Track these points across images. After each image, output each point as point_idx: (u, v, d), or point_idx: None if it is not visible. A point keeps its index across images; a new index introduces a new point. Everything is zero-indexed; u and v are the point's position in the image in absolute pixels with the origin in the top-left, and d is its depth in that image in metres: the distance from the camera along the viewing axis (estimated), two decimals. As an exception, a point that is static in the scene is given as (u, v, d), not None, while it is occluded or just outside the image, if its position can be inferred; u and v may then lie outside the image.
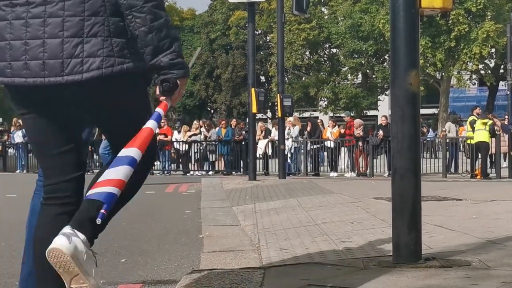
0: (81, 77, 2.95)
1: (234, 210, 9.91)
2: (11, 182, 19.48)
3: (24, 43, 2.97)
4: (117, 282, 5.24)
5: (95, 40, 2.96)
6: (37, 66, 2.97)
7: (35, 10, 2.97)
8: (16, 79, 3.03)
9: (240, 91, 67.96)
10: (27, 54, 2.97)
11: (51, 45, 2.95)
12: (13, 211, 10.81)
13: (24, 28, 2.97)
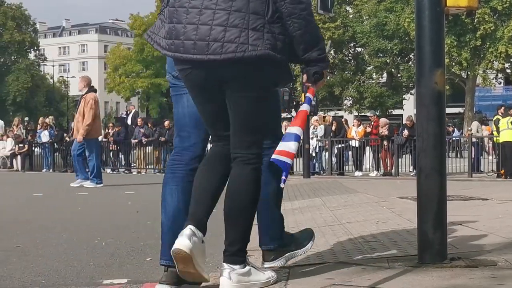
0: (219, 57, 3.68)
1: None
2: (37, 181, 19.64)
3: (183, 27, 3.77)
4: (143, 280, 5.27)
5: (234, 30, 3.67)
6: (189, 45, 3.74)
7: (194, 2, 3.78)
8: (176, 54, 3.83)
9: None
10: (184, 35, 3.75)
11: (202, 30, 3.72)
12: (39, 210, 10.91)
13: (184, 15, 3.78)
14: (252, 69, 3.74)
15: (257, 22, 3.70)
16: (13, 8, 76.07)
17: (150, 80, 76.54)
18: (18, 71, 73.43)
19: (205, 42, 3.70)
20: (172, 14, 3.84)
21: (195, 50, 3.72)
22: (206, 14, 3.72)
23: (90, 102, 15.75)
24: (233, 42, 3.66)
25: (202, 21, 3.72)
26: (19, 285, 5.19)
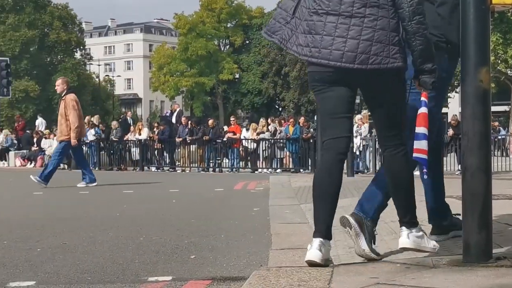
0: (366, 67, 4.48)
1: (302, 208, 9.91)
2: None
3: (332, 39, 4.53)
4: (187, 278, 5.31)
5: (379, 45, 4.49)
6: (338, 55, 4.51)
7: (344, 20, 4.54)
8: (322, 61, 4.58)
9: (308, 88, 67.89)
10: (332, 46, 4.52)
11: (351, 43, 4.49)
12: (85, 208, 11.03)
13: (333, 29, 4.54)
14: (391, 78, 4.59)
15: (395, 39, 4.52)
16: (59, 8, 76.88)
17: (194, 79, 76.84)
18: (64, 70, 74.15)
19: (353, 53, 4.48)
20: (312, 27, 4.62)
21: (343, 59, 4.50)
22: (355, 30, 4.49)
23: (72, 103, 15.65)
24: (378, 55, 4.47)
25: (351, 35, 4.50)
26: (66, 281, 5.26)
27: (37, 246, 6.91)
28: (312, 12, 4.66)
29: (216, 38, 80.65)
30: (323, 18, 4.60)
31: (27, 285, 5.15)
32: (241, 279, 5.13)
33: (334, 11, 4.58)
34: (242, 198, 12.39)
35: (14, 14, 73.54)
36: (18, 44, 71.63)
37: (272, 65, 73.42)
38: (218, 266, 5.78)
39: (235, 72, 78.32)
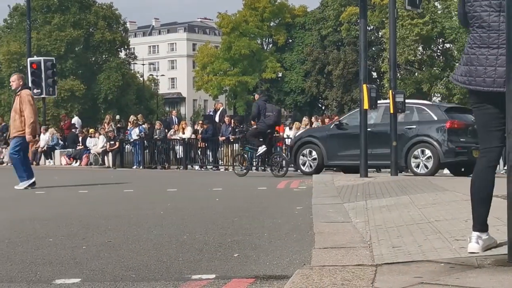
0: (503, 89, 5.03)
1: (346, 207, 9.88)
2: (128, 178, 20.01)
3: (484, 68, 5.30)
4: (230, 276, 5.32)
5: (501, 69, 5.18)
6: (490, 81, 5.26)
7: (492, 51, 5.29)
8: (477, 87, 5.33)
9: (352, 87, 67.63)
10: (485, 75, 5.28)
11: (499, 70, 5.21)
12: (130, 206, 11.12)
13: (484, 60, 5.31)
14: None
15: None
16: (104, 8, 77.55)
17: (237, 78, 77.02)
18: (109, 69, 74.83)
19: (502, 79, 5.13)
20: (473, 60, 5.38)
21: (494, 84, 5.23)
22: (501, 60, 5.16)
23: (27, 98, 15.47)
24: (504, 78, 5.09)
25: (499, 64, 5.20)
26: (110, 279, 5.31)
27: (83, 243, 6.98)
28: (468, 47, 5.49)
29: (259, 37, 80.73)
30: (477, 52, 5.38)
31: (72, 282, 5.22)
32: (284, 277, 5.14)
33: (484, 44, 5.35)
34: (285, 197, 12.39)
35: (59, 14, 74.38)
36: (63, 44, 72.43)
37: (315, 63, 73.24)
38: (261, 264, 5.79)
39: (278, 71, 78.32)
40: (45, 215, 9.75)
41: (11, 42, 72.76)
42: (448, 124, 18.14)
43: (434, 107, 19.36)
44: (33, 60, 31.49)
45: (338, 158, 20.00)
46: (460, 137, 18.24)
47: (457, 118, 18.53)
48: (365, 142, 16.39)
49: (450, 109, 19.37)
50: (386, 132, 17.69)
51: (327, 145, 20.01)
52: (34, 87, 30.49)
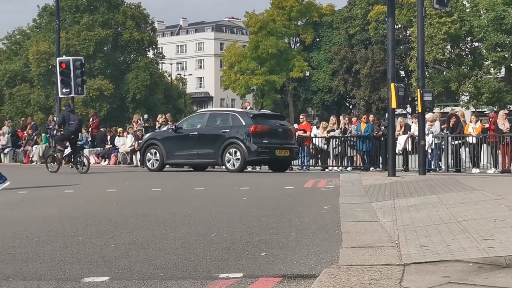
0: None
1: (373, 206, 9.86)
2: (156, 177, 20.08)
3: None
4: (258, 275, 5.33)
5: None
6: None
7: None
8: None
9: (379, 86, 67.37)
10: None
11: None
12: (158, 205, 11.16)
13: None
14: None
15: None
16: (132, 8, 77.88)
17: (264, 77, 77.01)
18: (137, 69, 75.12)
19: None
20: None
21: None
22: None
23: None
24: None
25: None
26: (139, 277, 5.35)
27: (111, 242, 7.03)
28: None
29: (287, 36, 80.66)
30: None
31: (101, 280, 5.25)
32: (311, 276, 5.14)
33: None
34: (312, 196, 12.38)
35: (88, 14, 74.83)
36: (92, 44, 72.87)
37: (343, 62, 73.05)
38: (289, 263, 5.79)
39: (306, 70, 78.23)
40: (74, 213, 9.82)
41: (40, 42, 73.34)
42: (252, 128, 21.22)
43: (244, 113, 22.40)
44: (62, 60, 31.68)
45: (175, 157, 22.91)
46: (263, 139, 21.39)
47: (262, 123, 21.65)
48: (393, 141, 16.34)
49: (257, 115, 22.42)
50: (211, 135, 21.90)
51: (166, 146, 22.97)
52: (63, 86, 30.70)
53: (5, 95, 74.58)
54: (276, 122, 22.27)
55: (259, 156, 21.42)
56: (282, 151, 21.80)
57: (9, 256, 6.32)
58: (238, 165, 21.36)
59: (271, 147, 21.41)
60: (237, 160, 21.36)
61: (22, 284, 5.16)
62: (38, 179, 18.85)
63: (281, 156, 22.02)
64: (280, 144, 21.69)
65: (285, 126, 22.78)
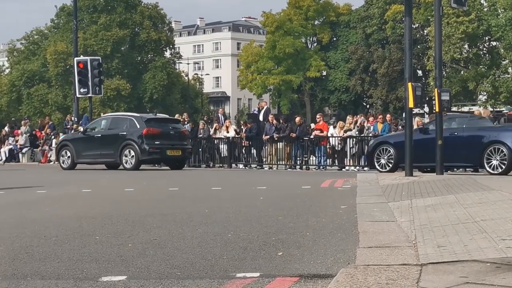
0: None
1: (390, 206, 9.84)
2: (173, 176, 20.14)
3: None
4: (274, 274, 5.34)
5: None
6: None
7: None
8: None
9: (397, 85, 67.15)
10: None
11: None
12: (175, 204, 11.18)
13: None
14: None
15: None
16: (149, 8, 78.02)
17: (281, 77, 76.94)
18: (154, 69, 75.27)
19: None
20: None
21: None
22: None
23: None
24: None
25: None
26: (156, 276, 5.36)
27: (129, 241, 7.06)
28: None
29: (304, 35, 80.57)
30: None
31: (118, 279, 5.27)
32: (328, 276, 5.14)
33: None
34: (329, 196, 12.37)
35: (105, 14, 75.07)
36: (109, 44, 73.10)
37: (360, 62, 72.89)
38: (305, 263, 5.80)
39: (322, 70, 78.11)
40: (92, 213, 9.87)
41: (58, 42, 73.64)
42: (144, 131, 23.56)
43: (139, 118, 24.69)
44: (80, 60, 31.82)
45: (83, 157, 25.17)
46: (154, 141, 23.60)
47: (154, 126, 23.97)
48: (410, 141, 16.30)
49: (151, 119, 24.63)
50: (111, 136, 24.12)
51: (75, 147, 25.26)
52: (81, 86, 30.83)
53: (23, 95, 74.94)
54: (169, 126, 24.82)
55: (151, 155, 23.82)
56: (173, 151, 24.19)
57: (27, 255, 6.36)
58: (133, 164, 23.53)
59: (162, 148, 23.79)
60: (132, 159, 23.63)
61: (40, 283, 5.19)
62: (56, 179, 18.95)
63: (173, 156, 24.35)
64: (172, 145, 24.02)
65: (178, 129, 25.12)
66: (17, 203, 11.82)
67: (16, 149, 35.64)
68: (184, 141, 25.00)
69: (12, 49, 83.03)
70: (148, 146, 23.49)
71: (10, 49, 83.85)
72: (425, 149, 18.21)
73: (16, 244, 6.97)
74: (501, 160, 18.09)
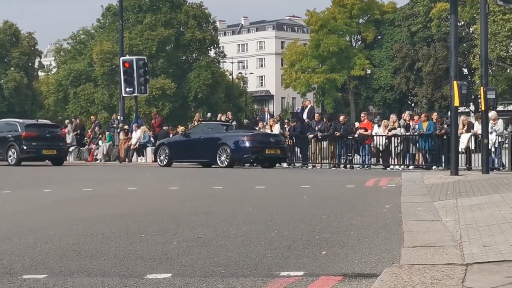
0: None
1: (435, 205, 9.77)
2: (217, 175, 20.21)
3: None
4: (318, 273, 5.34)
5: None
6: None
7: None
8: None
9: (442, 84, 66.54)
10: None
11: None
12: (219, 203, 11.23)
13: None
14: None
15: None
16: (194, 7, 78.35)
17: (325, 76, 76.71)
18: (199, 68, 75.56)
19: None
20: None
21: None
22: None
23: None
24: None
25: None
26: (200, 274, 5.40)
27: (173, 239, 7.11)
28: None
29: (348, 34, 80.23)
30: None
31: (163, 277, 5.32)
32: (372, 276, 5.13)
33: None
34: (374, 195, 12.32)
35: (151, 14, 75.54)
36: (154, 43, 73.55)
37: (405, 60, 72.36)
38: (350, 262, 5.79)
39: (367, 68, 77.73)
40: (137, 211, 9.96)
41: (104, 41, 74.33)
42: (24, 134, 28.08)
43: (21, 123, 29.45)
44: (126, 59, 32.09)
45: None
46: (32, 142, 28.05)
47: (32, 131, 28.65)
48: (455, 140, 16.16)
49: (30, 125, 29.64)
50: None
51: None
52: (127, 85, 31.10)
53: (70, 94, 75.79)
54: (46, 130, 29.74)
55: (28, 154, 28.30)
56: (48, 150, 28.65)
57: (74, 252, 6.45)
58: (14, 162, 28.15)
59: (38, 148, 28.27)
60: (14, 156, 28.32)
61: (86, 280, 5.26)
62: (102, 177, 19.14)
63: (48, 154, 28.86)
64: (47, 146, 28.38)
65: (54, 133, 29.75)
66: (64, 201, 11.98)
67: (63, 148, 36.06)
68: (60, 142, 29.91)
69: (59, 49, 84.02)
70: (26, 146, 28.07)
71: (57, 48, 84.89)
72: (185, 149, 25.66)
73: (63, 242, 7.07)
74: None
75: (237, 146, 24.25)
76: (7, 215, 9.91)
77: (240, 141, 24.38)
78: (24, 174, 22.33)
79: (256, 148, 24.29)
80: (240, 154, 24.41)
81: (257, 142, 24.53)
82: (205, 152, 24.86)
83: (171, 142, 27.35)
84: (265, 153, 24.51)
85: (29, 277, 5.40)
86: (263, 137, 25.56)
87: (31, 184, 17.22)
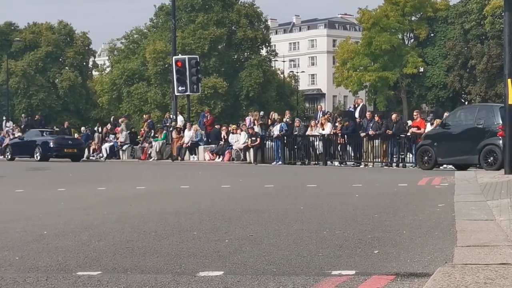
0: None
1: (489, 204, 9.66)
2: (268, 173, 20.24)
3: None
4: (370, 272, 5.33)
5: None
6: None
7: None
8: None
9: (496, 82, 65.69)
10: None
11: None
12: (271, 201, 11.25)
13: None
14: None
15: None
16: (246, 6, 78.51)
17: (377, 74, 76.23)
18: (250, 67, 75.71)
19: None
20: None
21: None
22: None
23: None
24: None
25: None
26: (252, 272, 5.43)
27: (225, 237, 7.15)
28: None
29: (400, 31, 79.59)
30: None
31: (215, 275, 5.36)
32: (425, 275, 5.10)
33: None
34: (426, 194, 12.22)
35: (203, 13, 75.91)
36: (207, 42, 73.90)
37: (458, 58, 71.58)
38: (402, 261, 5.76)
39: (420, 66, 77.03)
40: (189, 209, 10.03)
41: (156, 41, 74.93)
42: None
43: None
44: (178, 58, 32.33)
45: None
46: None
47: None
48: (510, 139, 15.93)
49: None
50: None
51: None
52: (179, 84, 31.32)
53: (123, 93, 76.58)
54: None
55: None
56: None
57: (127, 250, 6.53)
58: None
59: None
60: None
61: (139, 277, 5.33)
62: (155, 175, 19.32)
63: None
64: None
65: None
66: (118, 199, 12.13)
67: (116, 146, 36.54)
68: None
69: (112, 48, 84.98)
70: None
71: (110, 48, 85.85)
72: None
73: (117, 239, 7.17)
74: None
75: None
76: (63, 212, 10.08)
77: None
78: (78, 172, 22.63)
79: None
80: None
81: None
82: None
83: None
84: None
85: (83, 273, 5.48)
86: None
87: (85, 182, 17.45)
